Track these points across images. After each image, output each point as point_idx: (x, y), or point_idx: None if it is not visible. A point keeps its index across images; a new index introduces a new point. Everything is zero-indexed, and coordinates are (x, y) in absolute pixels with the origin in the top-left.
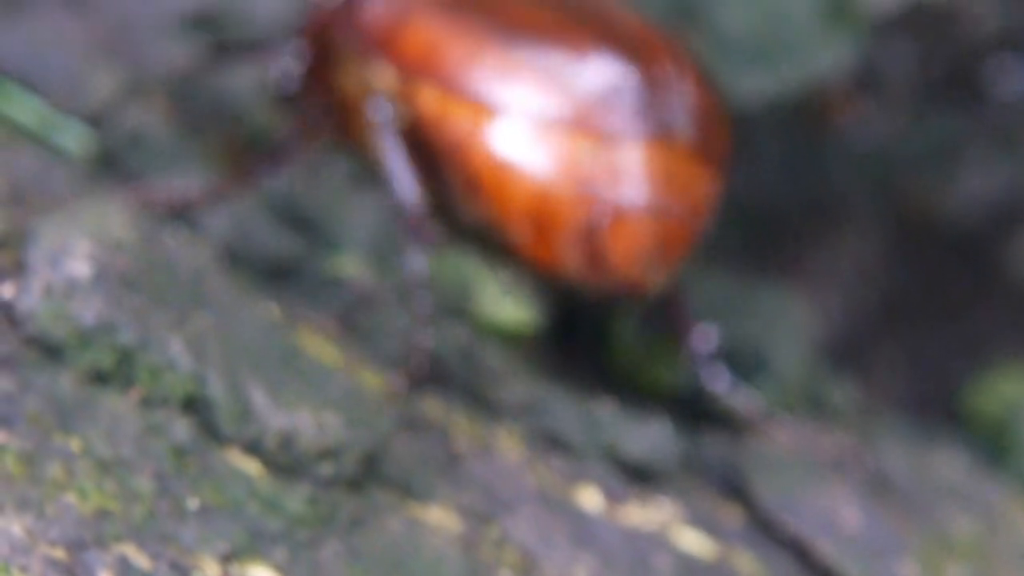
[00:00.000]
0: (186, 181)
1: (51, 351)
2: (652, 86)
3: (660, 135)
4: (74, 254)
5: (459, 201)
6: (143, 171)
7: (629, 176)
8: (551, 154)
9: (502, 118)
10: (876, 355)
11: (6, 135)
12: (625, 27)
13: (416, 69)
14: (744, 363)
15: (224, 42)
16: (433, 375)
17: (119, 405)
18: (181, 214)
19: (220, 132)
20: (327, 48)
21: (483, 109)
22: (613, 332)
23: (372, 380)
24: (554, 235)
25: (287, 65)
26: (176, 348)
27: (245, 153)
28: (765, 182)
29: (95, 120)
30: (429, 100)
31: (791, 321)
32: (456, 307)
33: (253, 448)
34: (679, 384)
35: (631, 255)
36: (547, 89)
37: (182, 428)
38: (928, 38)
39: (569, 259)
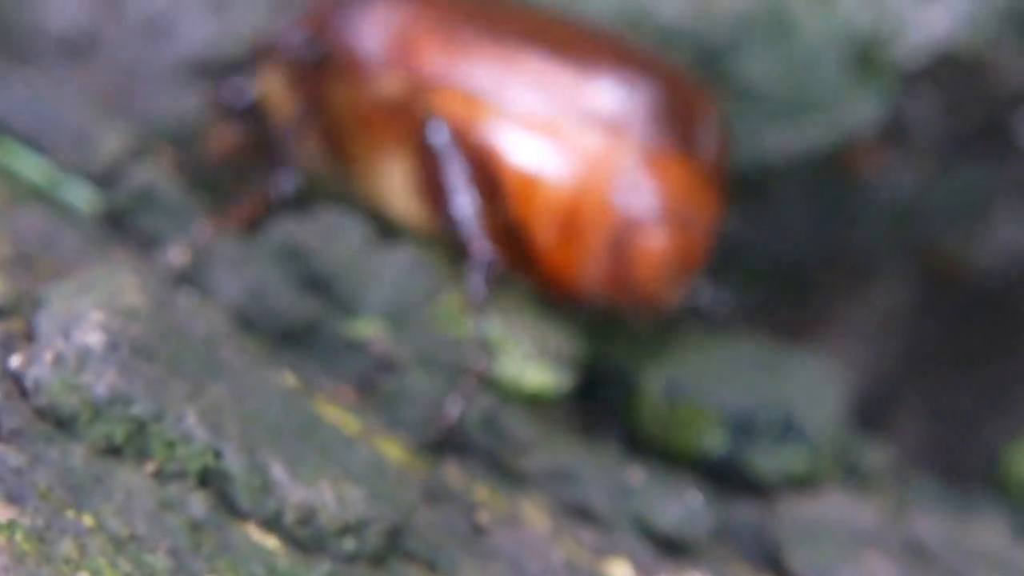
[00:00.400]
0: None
1: (62, 423)
2: (679, 104)
3: (686, 150)
4: (85, 323)
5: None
6: (152, 229)
7: (658, 189)
8: (582, 160)
9: (537, 123)
10: (902, 407)
11: (10, 194)
12: (645, 52)
13: (438, 76)
14: (774, 427)
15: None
16: (456, 443)
17: (133, 479)
18: (192, 276)
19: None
20: (310, 63)
21: (515, 115)
22: (639, 396)
23: (393, 450)
24: (580, 242)
25: (241, 82)
26: (191, 420)
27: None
28: (790, 234)
29: (102, 178)
30: (451, 107)
31: (822, 383)
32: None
33: (272, 523)
34: (707, 448)
35: (655, 268)
36: (580, 96)
37: (198, 502)
38: (956, 89)
39: (592, 268)
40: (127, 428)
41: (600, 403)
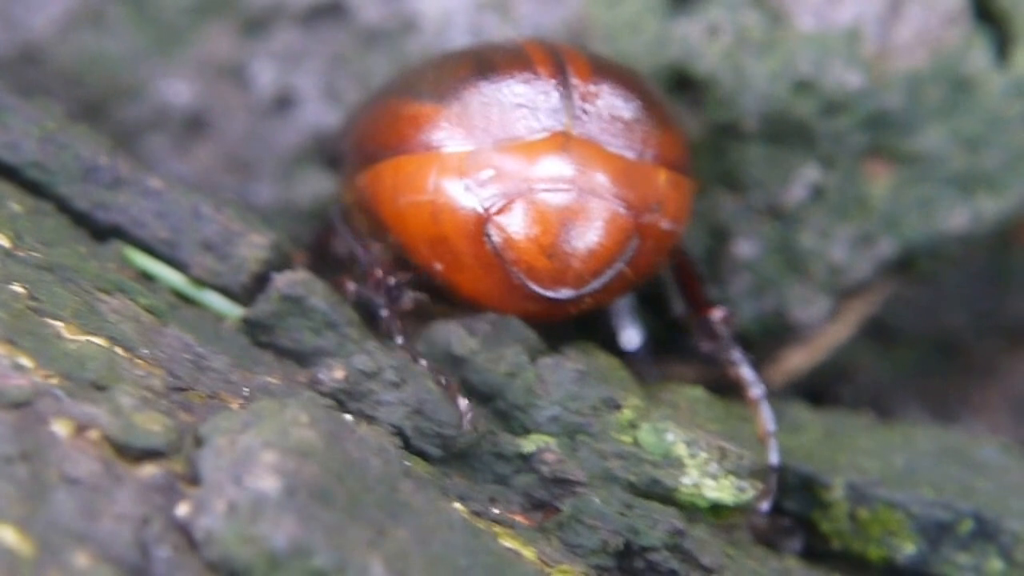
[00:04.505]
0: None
1: None
2: (538, 89)
3: (546, 130)
4: (257, 465)
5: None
6: (299, 342)
7: (505, 169)
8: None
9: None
10: None
11: (153, 312)
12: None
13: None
14: (967, 528)
15: None
16: (642, 570)
17: None
18: (350, 393)
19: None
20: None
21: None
22: (821, 503)
23: None
24: (450, 249)
25: None
26: (377, 570)
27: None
28: (946, 304)
29: (242, 289)
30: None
31: (1016, 474)
32: (658, 485)
33: None
34: (896, 555)
35: (524, 241)
36: (410, 120)
37: None
38: None
39: (471, 269)
40: None
41: (784, 511)
